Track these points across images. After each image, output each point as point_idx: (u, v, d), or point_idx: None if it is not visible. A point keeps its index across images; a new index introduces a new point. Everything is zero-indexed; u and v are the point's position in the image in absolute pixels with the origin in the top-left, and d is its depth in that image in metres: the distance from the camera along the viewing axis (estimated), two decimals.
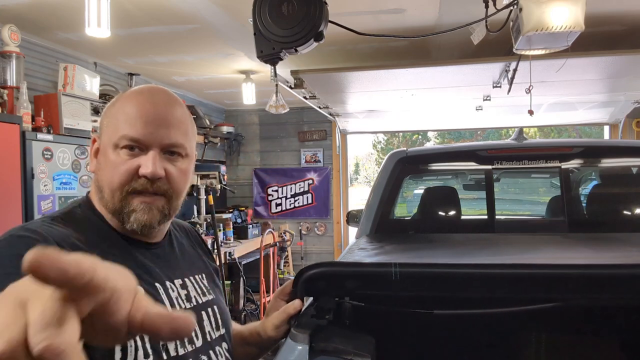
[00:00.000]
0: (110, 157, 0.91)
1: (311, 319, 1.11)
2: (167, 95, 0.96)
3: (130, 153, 0.90)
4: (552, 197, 2.89)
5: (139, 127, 0.90)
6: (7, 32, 3.02)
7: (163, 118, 0.92)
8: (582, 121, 6.23)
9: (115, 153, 0.91)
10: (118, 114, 0.92)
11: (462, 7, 2.91)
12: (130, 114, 0.91)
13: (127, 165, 0.90)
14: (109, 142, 0.91)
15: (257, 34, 1.99)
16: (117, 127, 0.91)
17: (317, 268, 1.12)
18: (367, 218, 2.45)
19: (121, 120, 0.91)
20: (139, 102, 0.92)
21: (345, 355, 1.01)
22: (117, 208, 0.91)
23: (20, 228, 0.83)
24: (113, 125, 0.92)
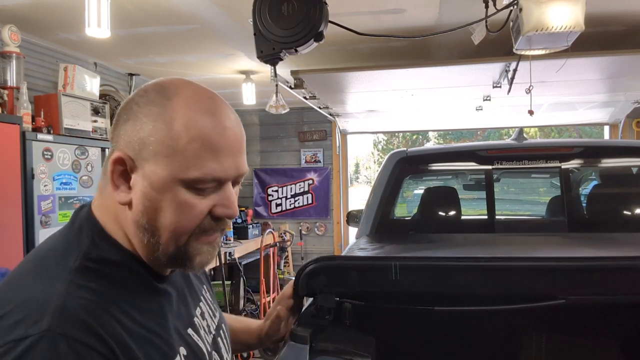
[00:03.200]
0: (178, 197, 0.71)
1: (311, 319, 1.11)
2: (228, 106, 0.77)
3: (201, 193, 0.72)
4: (552, 197, 2.89)
5: (224, 163, 0.72)
6: (7, 33, 3.02)
7: (240, 146, 0.75)
8: (582, 121, 6.23)
9: (183, 192, 0.71)
10: (186, 141, 0.70)
11: (462, 7, 2.91)
12: (211, 144, 0.71)
13: (202, 206, 0.72)
14: (171, 176, 0.70)
15: (257, 34, 1.99)
16: (188, 161, 0.70)
17: (319, 262, 1.13)
18: (367, 218, 2.45)
19: (194, 152, 0.70)
20: (218, 126, 0.72)
21: (346, 356, 1.01)
22: (179, 255, 0.74)
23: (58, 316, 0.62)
24: (178, 155, 0.70)
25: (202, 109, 0.72)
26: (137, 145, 0.71)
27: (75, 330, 0.62)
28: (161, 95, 0.72)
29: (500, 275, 1.09)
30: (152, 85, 0.75)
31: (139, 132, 0.71)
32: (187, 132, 0.70)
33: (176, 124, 0.70)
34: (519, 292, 1.10)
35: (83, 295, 0.65)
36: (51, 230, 2.99)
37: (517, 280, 1.09)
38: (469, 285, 1.10)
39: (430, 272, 1.12)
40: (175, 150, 0.70)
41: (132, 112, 0.72)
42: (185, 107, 0.71)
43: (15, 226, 2.80)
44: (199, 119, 0.71)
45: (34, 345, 0.59)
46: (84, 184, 3.31)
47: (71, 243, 0.73)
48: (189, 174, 0.70)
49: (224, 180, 0.73)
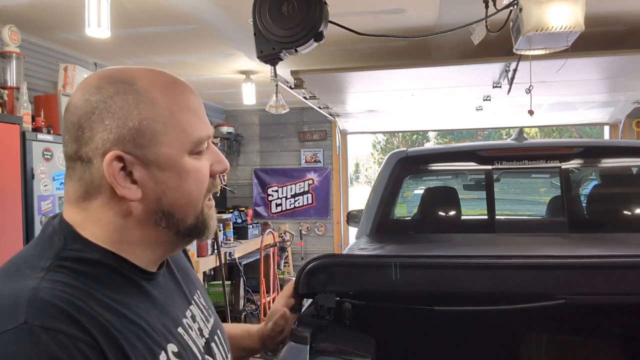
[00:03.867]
0: (190, 166, 0.73)
1: (312, 319, 1.11)
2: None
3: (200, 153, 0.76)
4: (552, 197, 2.89)
5: (206, 122, 0.77)
6: (7, 33, 3.02)
7: (201, 100, 0.80)
8: (582, 121, 6.24)
9: (191, 160, 0.74)
10: (174, 112, 0.72)
11: (462, 7, 2.91)
12: (192, 108, 0.75)
13: (205, 168, 0.77)
14: (176, 151, 0.72)
15: (257, 34, 1.99)
16: (184, 129, 0.73)
17: (321, 259, 1.13)
18: (367, 218, 2.45)
19: (185, 119, 0.73)
20: (185, 91, 0.77)
21: (346, 356, 1.01)
22: (196, 223, 0.76)
23: (34, 308, 0.59)
24: (175, 128, 0.72)
25: (166, 82, 0.75)
26: (130, 137, 0.69)
27: (54, 321, 0.59)
28: (122, 84, 0.71)
29: (500, 273, 1.09)
30: (97, 81, 0.72)
31: (125, 123, 0.69)
32: (172, 104, 0.72)
33: (159, 100, 0.72)
34: (518, 291, 1.10)
35: (57, 287, 0.63)
36: None
37: (517, 278, 1.09)
38: (469, 284, 1.10)
39: (430, 269, 1.12)
40: (171, 124, 0.72)
41: (102, 111, 0.69)
42: (154, 85, 0.73)
43: (15, 226, 2.80)
44: (172, 90, 0.74)
45: (13, 340, 0.56)
46: None
47: (42, 247, 0.70)
48: (190, 140, 0.73)
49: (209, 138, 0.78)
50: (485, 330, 1.34)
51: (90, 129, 0.69)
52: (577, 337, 1.36)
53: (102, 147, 0.69)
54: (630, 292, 1.06)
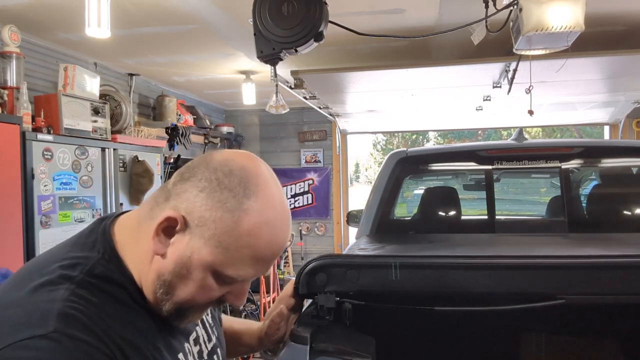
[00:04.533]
0: (205, 281, 0.76)
1: (311, 320, 1.11)
2: (288, 212, 0.83)
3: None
4: (552, 197, 2.89)
5: (259, 270, 0.78)
6: (7, 33, 3.01)
7: (280, 253, 0.82)
8: (582, 121, 6.24)
9: (212, 279, 0.77)
10: (242, 244, 0.74)
11: (462, 7, 2.91)
12: (258, 255, 0.76)
13: (219, 292, 0.79)
14: (209, 262, 0.75)
15: (257, 34, 1.99)
16: (233, 260, 0.75)
17: (321, 260, 1.13)
18: (367, 218, 2.45)
19: (242, 255, 0.75)
20: (273, 242, 0.77)
21: (346, 356, 1.01)
22: (175, 313, 0.79)
23: (63, 320, 0.67)
24: (227, 252, 0.74)
25: (269, 220, 0.76)
26: (196, 219, 0.74)
27: (80, 333, 0.66)
28: (241, 189, 0.75)
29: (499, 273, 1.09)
30: (238, 170, 0.76)
31: (205, 210, 0.74)
32: (246, 238, 0.74)
33: (242, 226, 0.74)
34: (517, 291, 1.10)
35: (84, 304, 0.70)
36: (51, 230, 2.99)
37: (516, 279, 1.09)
38: (469, 284, 1.10)
39: (430, 270, 1.12)
40: (227, 247, 0.74)
41: (209, 185, 0.75)
42: (256, 214, 0.75)
43: (15, 226, 2.80)
44: (261, 230, 0.75)
45: (43, 344, 0.63)
46: (84, 184, 3.31)
47: (80, 256, 0.77)
48: (226, 271, 0.76)
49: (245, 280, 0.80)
50: (485, 329, 1.34)
51: (193, 185, 0.76)
52: (577, 336, 1.36)
53: (180, 201, 0.76)
54: (630, 292, 1.06)
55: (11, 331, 0.65)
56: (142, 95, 4.86)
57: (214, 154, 0.79)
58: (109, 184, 3.53)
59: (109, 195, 3.53)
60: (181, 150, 5.13)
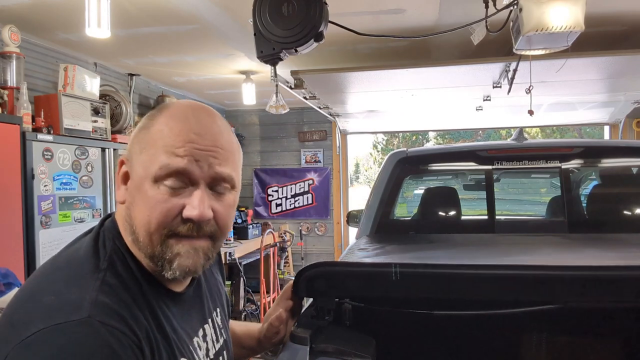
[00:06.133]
0: (148, 193, 0.76)
1: (311, 320, 1.11)
2: (212, 115, 0.82)
3: (172, 188, 0.76)
4: (552, 198, 2.89)
5: (184, 155, 0.76)
6: (8, 33, 3.01)
7: (212, 144, 0.78)
8: (582, 121, 6.23)
9: (153, 188, 0.76)
10: (155, 136, 0.77)
11: (462, 7, 2.91)
12: (173, 138, 0.76)
13: (168, 204, 0.76)
14: (144, 172, 0.76)
15: (257, 35, 1.99)
16: (155, 155, 0.76)
17: (317, 268, 1.12)
18: (367, 218, 2.45)
19: (160, 145, 0.76)
20: (181, 123, 0.77)
21: (346, 356, 1.01)
22: (156, 253, 0.78)
23: (96, 307, 0.69)
24: (149, 151, 0.76)
25: (181, 113, 0.80)
26: (129, 147, 0.82)
27: (110, 319, 0.69)
28: (155, 111, 0.83)
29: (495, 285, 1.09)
30: (160, 106, 0.85)
31: (132, 140, 0.82)
32: (153, 131, 0.79)
33: (154, 124, 0.80)
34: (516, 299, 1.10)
35: (113, 292, 0.73)
36: (51, 230, 2.99)
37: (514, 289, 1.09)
38: (467, 293, 1.11)
39: (429, 279, 1.12)
40: (144, 146, 0.78)
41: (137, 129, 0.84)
42: (168, 113, 0.80)
43: (16, 226, 2.80)
44: (166, 120, 0.79)
45: (79, 329, 0.66)
46: (84, 184, 3.31)
47: (98, 247, 0.80)
48: (152, 167, 0.76)
49: (188, 175, 0.77)
50: (485, 330, 1.34)
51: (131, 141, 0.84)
52: (577, 337, 1.36)
53: (124, 154, 0.83)
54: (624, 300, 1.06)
55: (45, 316, 0.67)
56: (142, 95, 4.86)
57: None
58: (109, 184, 3.53)
59: (109, 195, 3.53)
60: None
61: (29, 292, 0.74)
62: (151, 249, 0.78)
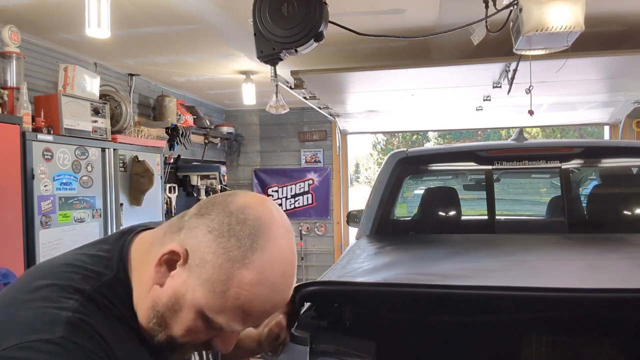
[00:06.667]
0: (195, 324, 0.76)
1: (312, 321, 1.11)
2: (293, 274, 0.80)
3: None
4: (552, 198, 2.89)
5: (247, 324, 0.78)
6: (8, 33, 3.01)
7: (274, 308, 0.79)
8: (582, 121, 6.23)
9: (201, 322, 0.76)
10: (234, 298, 0.73)
11: (462, 7, 2.91)
12: (249, 312, 0.75)
13: (203, 336, 0.78)
14: (202, 307, 0.74)
15: (257, 35, 1.99)
16: (224, 310, 0.74)
17: (312, 286, 1.12)
18: (368, 218, 2.45)
19: (234, 309, 0.74)
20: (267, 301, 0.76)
21: (346, 357, 1.01)
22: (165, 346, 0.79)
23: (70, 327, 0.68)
24: (220, 301, 0.73)
25: (267, 279, 0.74)
26: (198, 259, 0.74)
27: (85, 341, 0.68)
28: (249, 240, 0.73)
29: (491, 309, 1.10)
30: (253, 219, 0.75)
31: (208, 252, 0.73)
32: (240, 292, 0.73)
33: (238, 279, 0.73)
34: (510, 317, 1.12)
35: (91, 317, 0.71)
36: (51, 230, 2.99)
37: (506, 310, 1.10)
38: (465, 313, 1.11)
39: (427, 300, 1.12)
40: (220, 295, 0.73)
41: (219, 228, 0.74)
42: (256, 271, 0.73)
43: (15, 226, 2.80)
44: (256, 288, 0.73)
45: (49, 348, 0.65)
46: (84, 184, 3.31)
47: (94, 270, 0.78)
48: (216, 318, 0.75)
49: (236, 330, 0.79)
50: (485, 331, 1.34)
51: (205, 224, 0.75)
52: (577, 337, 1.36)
53: (187, 238, 0.75)
54: None
55: (19, 332, 0.66)
56: (142, 96, 4.86)
57: (237, 196, 0.78)
58: (109, 184, 3.53)
59: (109, 196, 3.53)
60: (181, 151, 5.13)
61: (8, 300, 0.73)
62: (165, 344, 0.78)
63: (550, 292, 1.07)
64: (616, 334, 1.33)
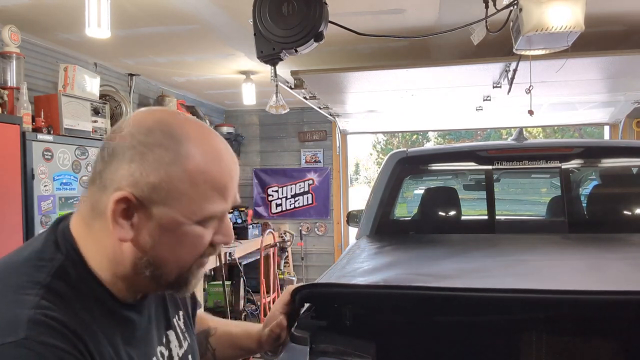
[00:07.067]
0: (192, 233, 0.75)
1: (312, 321, 1.11)
2: (226, 142, 0.82)
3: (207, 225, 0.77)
4: (552, 198, 2.89)
5: (229, 201, 0.78)
6: (8, 33, 3.01)
7: (237, 180, 0.82)
8: (582, 121, 6.23)
9: (194, 228, 0.75)
10: (198, 184, 0.73)
11: (462, 7, 2.91)
12: (219, 185, 0.76)
13: (207, 237, 0.78)
14: (183, 217, 0.74)
15: (257, 35, 1.99)
16: (201, 202, 0.74)
17: (312, 288, 1.12)
18: (367, 218, 2.45)
19: (207, 193, 0.74)
20: (226, 169, 0.77)
21: (346, 357, 1.01)
22: (178, 280, 0.78)
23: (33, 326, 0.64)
24: (191, 199, 0.73)
25: (212, 153, 0.76)
26: (146, 188, 0.72)
27: (52, 339, 0.64)
28: (170, 139, 0.73)
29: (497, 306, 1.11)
30: (156, 125, 0.75)
31: (149, 176, 0.72)
32: (200, 177, 0.74)
33: (190, 171, 0.73)
34: None
35: (53, 309, 0.67)
36: None
37: None
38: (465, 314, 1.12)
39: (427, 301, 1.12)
40: (188, 194, 0.73)
41: (137, 153, 0.72)
42: (197, 154, 0.74)
43: (16, 226, 2.80)
44: (210, 164, 0.75)
45: (15, 352, 0.61)
46: (84, 184, 3.31)
47: (44, 259, 0.73)
48: (201, 214, 0.75)
49: (225, 212, 0.80)
50: (485, 332, 1.34)
51: (120, 161, 0.73)
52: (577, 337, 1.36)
53: (118, 182, 0.72)
54: None
55: None
56: (142, 95, 4.86)
57: (121, 125, 0.77)
58: None
59: None
60: None
61: None
62: (176, 277, 0.77)
63: (551, 294, 1.07)
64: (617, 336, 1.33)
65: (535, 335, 1.24)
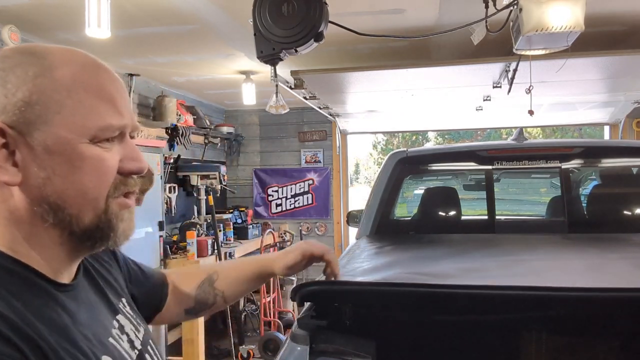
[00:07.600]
0: (88, 154, 0.63)
1: (311, 320, 1.11)
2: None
3: (106, 146, 0.65)
4: (552, 198, 2.89)
5: (123, 113, 0.67)
6: (7, 33, 3.01)
7: (128, 97, 0.71)
8: (582, 121, 6.24)
9: (91, 147, 0.63)
10: (77, 92, 0.63)
11: (462, 7, 2.91)
12: (104, 92, 0.65)
13: (111, 161, 0.65)
14: (74, 133, 0.62)
15: (257, 34, 1.99)
16: (86, 113, 0.63)
17: (312, 286, 1.12)
18: (367, 218, 2.45)
19: (90, 101, 0.64)
20: (103, 75, 0.67)
21: (346, 356, 1.01)
22: (97, 224, 0.65)
23: None
24: (74, 108, 0.62)
25: (83, 63, 0.66)
26: (16, 110, 0.61)
27: None
28: (31, 56, 0.64)
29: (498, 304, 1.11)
30: (13, 51, 0.65)
31: (15, 94, 0.61)
32: (77, 85, 0.63)
33: (63, 77, 0.63)
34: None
35: None
36: None
37: None
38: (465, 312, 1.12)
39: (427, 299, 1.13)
40: (68, 104, 0.62)
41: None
42: (67, 63, 0.64)
43: None
44: (85, 73, 0.65)
45: None
46: None
47: None
48: (92, 127, 0.63)
49: (125, 131, 0.68)
50: (485, 330, 1.34)
51: None
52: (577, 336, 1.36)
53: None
54: None
55: None
56: (142, 96, 4.86)
57: None
58: None
59: None
60: (181, 151, 5.13)
61: None
62: (94, 220, 0.64)
63: (551, 291, 1.07)
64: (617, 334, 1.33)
65: (535, 334, 1.24)
